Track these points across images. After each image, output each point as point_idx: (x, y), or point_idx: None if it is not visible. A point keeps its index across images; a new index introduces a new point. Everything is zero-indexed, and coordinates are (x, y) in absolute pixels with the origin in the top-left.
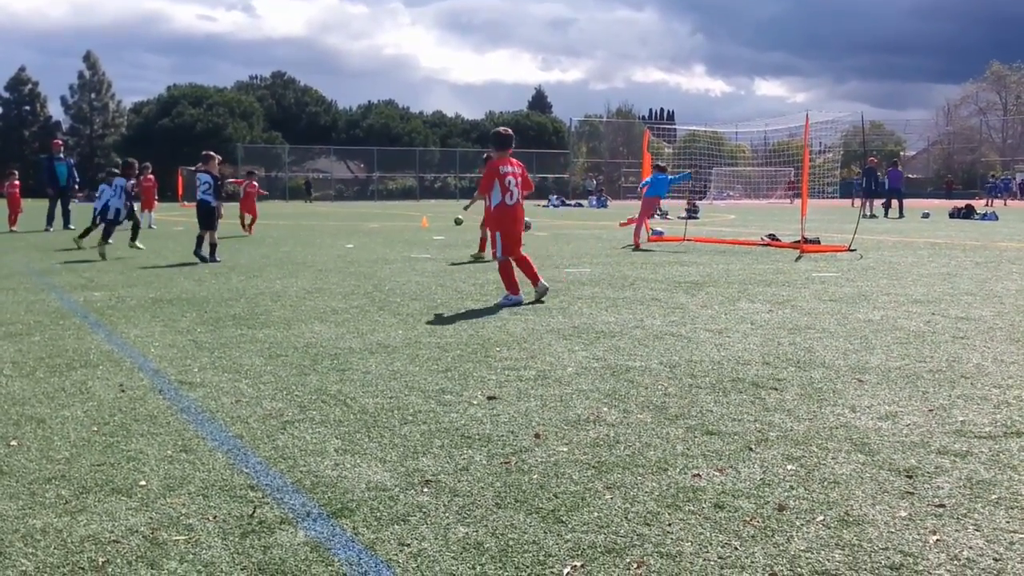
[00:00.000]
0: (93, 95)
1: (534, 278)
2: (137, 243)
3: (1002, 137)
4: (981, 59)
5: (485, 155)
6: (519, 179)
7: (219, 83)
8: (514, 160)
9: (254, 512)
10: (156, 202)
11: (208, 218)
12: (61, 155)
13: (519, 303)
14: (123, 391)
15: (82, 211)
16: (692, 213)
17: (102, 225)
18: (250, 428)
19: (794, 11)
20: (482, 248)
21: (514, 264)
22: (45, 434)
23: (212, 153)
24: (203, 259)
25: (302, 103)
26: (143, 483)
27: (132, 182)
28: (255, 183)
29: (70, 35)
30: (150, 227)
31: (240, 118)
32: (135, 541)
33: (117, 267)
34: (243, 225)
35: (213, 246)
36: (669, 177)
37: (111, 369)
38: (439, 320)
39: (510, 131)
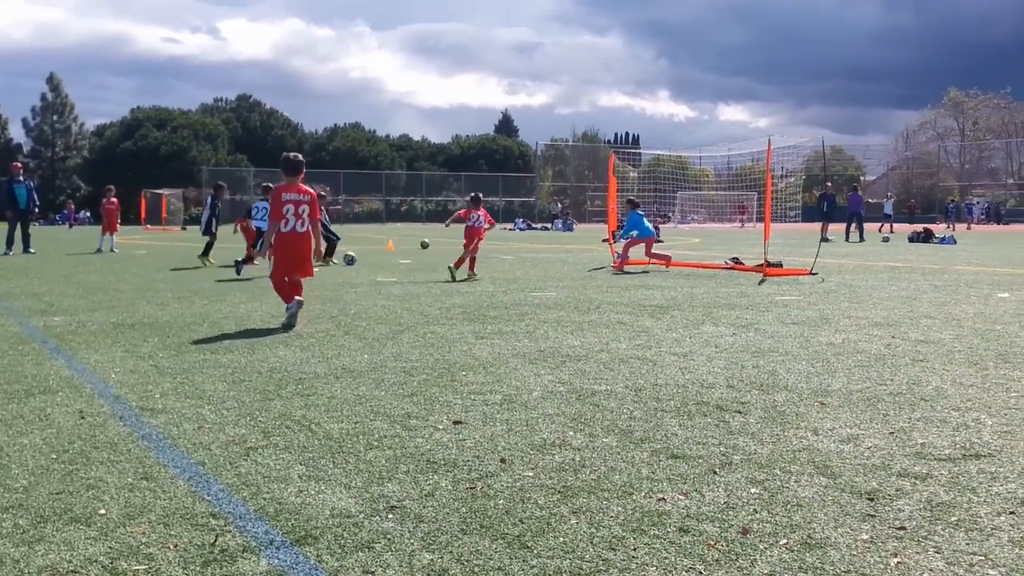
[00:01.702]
0: (55, 117)
1: (295, 292)
2: (209, 258)
3: (960, 162)
4: (939, 86)
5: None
6: (303, 207)
7: (184, 106)
8: (304, 187)
9: (216, 540)
10: (119, 225)
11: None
12: (21, 177)
13: (300, 305)
14: (83, 418)
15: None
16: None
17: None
18: (212, 455)
19: (756, 37)
20: (469, 266)
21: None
22: (2, 462)
23: (270, 185)
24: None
25: (268, 126)
26: (103, 512)
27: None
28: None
29: (33, 57)
30: (112, 251)
31: (205, 141)
32: (94, 571)
33: (78, 292)
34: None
35: (250, 259)
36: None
37: (71, 395)
38: (405, 344)
39: (299, 157)
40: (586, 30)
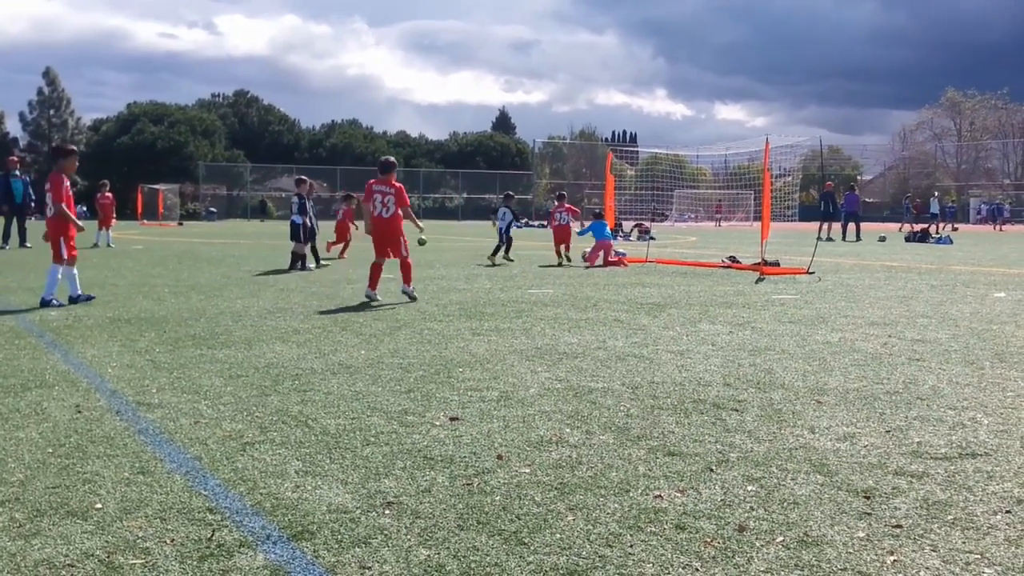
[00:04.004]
0: (52, 112)
1: (405, 278)
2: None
3: (956, 162)
4: (936, 86)
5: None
6: (388, 197)
7: (180, 101)
8: (392, 182)
9: (212, 535)
10: (114, 220)
11: (295, 233)
12: (17, 172)
13: (371, 297)
14: (79, 412)
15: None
16: (645, 235)
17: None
18: (209, 450)
19: (753, 37)
20: (557, 253)
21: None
22: None
23: (304, 178)
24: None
25: (265, 122)
26: (99, 506)
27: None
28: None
29: (29, 51)
30: (109, 245)
31: (202, 136)
32: (91, 565)
33: None
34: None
35: (301, 256)
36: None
37: (67, 390)
38: (402, 340)
39: (390, 159)
40: (583, 28)
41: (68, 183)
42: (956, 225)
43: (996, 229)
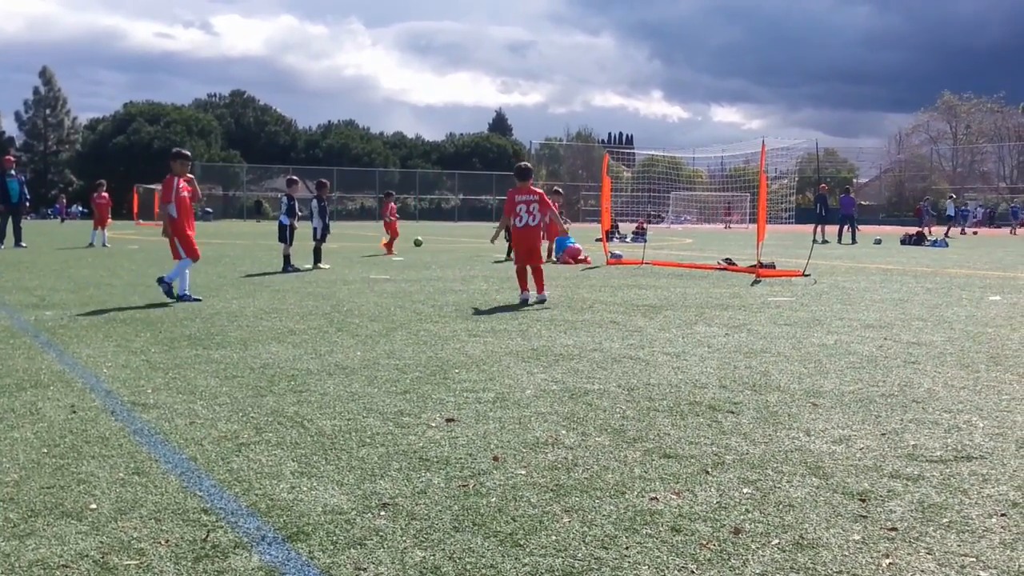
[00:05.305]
0: (48, 111)
1: (538, 286)
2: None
3: (952, 165)
4: (932, 89)
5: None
6: (532, 205)
7: (177, 101)
8: (533, 189)
9: (207, 536)
10: (110, 220)
11: (283, 234)
12: (13, 171)
13: (524, 300)
14: (74, 412)
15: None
16: (639, 236)
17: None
18: (204, 450)
19: (750, 40)
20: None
21: (529, 270)
22: None
23: (295, 178)
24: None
25: (261, 122)
26: (94, 506)
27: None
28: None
29: (25, 50)
30: (104, 245)
31: (198, 136)
32: (85, 566)
33: (69, 286)
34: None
35: (286, 257)
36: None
37: (62, 390)
38: (398, 341)
39: (527, 165)
40: (579, 30)
41: (180, 185)
42: (976, 229)
43: (1014, 232)
